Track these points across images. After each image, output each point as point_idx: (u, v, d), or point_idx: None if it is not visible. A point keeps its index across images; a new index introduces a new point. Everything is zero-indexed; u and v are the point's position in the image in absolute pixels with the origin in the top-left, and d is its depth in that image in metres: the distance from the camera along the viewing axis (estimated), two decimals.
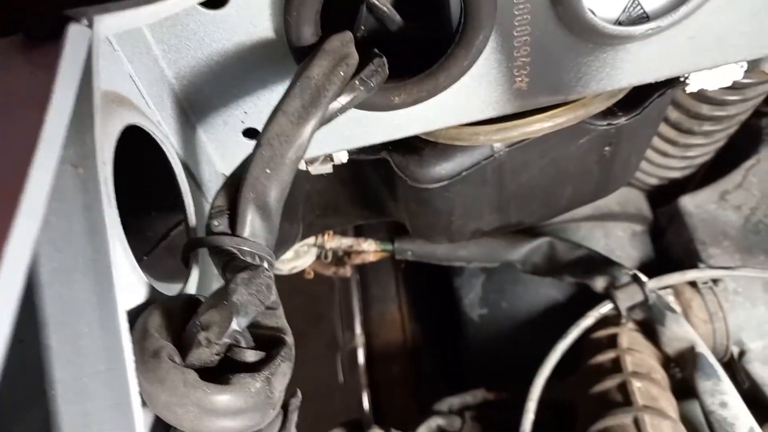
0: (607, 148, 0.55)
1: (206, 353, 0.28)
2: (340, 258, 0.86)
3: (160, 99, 0.38)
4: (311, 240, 0.79)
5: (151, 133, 0.34)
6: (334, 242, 0.78)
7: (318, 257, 0.82)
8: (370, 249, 0.78)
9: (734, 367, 0.78)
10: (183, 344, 0.28)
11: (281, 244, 0.62)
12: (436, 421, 0.80)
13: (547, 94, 0.46)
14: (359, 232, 0.94)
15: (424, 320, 1.15)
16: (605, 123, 0.52)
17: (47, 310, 0.22)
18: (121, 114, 0.31)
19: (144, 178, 0.48)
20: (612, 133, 0.53)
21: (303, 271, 0.84)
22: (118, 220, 0.26)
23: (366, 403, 1.11)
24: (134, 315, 0.28)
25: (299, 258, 0.79)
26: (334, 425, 0.99)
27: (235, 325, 0.28)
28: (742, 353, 0.78)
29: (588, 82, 0.46)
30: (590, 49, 0.43)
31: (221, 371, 0.29)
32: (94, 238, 0.22)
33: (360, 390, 1.16)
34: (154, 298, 0.30)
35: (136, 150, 0.45)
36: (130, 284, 0.28)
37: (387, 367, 1.15)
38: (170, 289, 0.38)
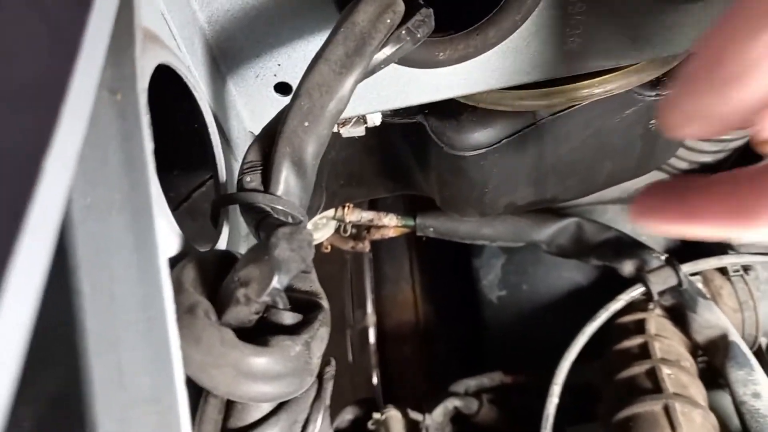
0: (653, 122, 0.52)
1: (244, 312, 0.26)
2: (358, 233, 0.84)
3: (191, 43, 0.35)
4: (330, 213, 0.76)
5: (184, 77, 0.32)
6: (354, 215, 0.75)
7: (336, 231, 0.80)
8: (391, 224, 0.75)
9: (762, 358, 0.76)
10: (219, 301, 0.26)
11: None
12: (453, 403, 0.78)
13: (600, 58, 0.43)
14: (375, 208, 0.91)
15: (438, 301, 1.13)
16: (654, 94, 0.49)
17: (79, 252, 0.19)
18: (154, 51, 0.28)
19: (171, 130, 0.46)
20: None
21: (320, 245, 0.82)
22: (152, 158, 0.23)
23: (377, 383, 1.10)
24: (170, 265, 0.26)
25: (318, 231, 0.77)
26: (343, 404, 0.98)
27: (276, 283, 0.26)
28: None
29: (643, 46, 0.43)
30: (650, 6, 0.40)
31: (258, 333, 0.27)
32: (133, 171, 0.20)
33: (370, 370, 1.14)
34: (188, 251, 0.28)
35: (164, 98, 0.43)
36: (164, 232, 0.25)
37: (398, 347, 1.14)
38: None
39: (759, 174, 0.26)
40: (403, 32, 0.35)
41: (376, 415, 0.79)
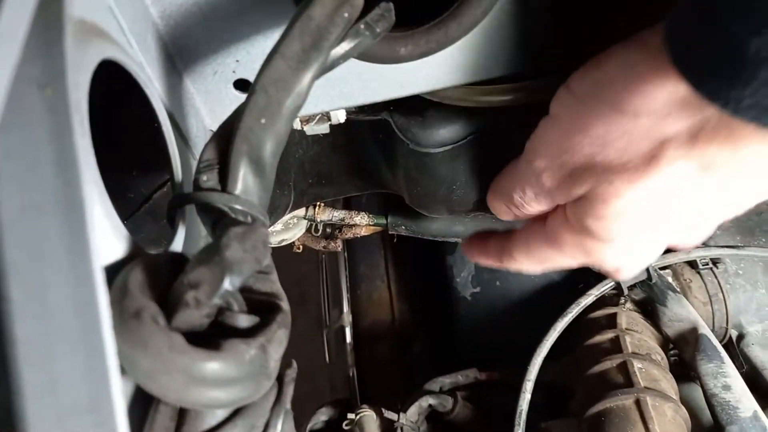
0: None
1: (194, 315, 0.25)
2: (330, 232, 0.83)
3: (144, 39, 0.34)
4: (301, 212, 0.75)
5: (134, 74, 0.30)
6: (326, 215, 0.74)
7: (308, 230, 0.79)
8: (362, 222, 0.75)
9: (732, 350, 0.77)
10: (168, 305, 0.25)
11: (271, 212, 0.59)
12: (427, 401, 0.78)
13: (566, 53, 0.43)
14: (348, 206, 0.91)
15: (414, 299, 1.13)
16: None
17: (8, 256, 0.18)
18: (99, 45, 0.27)
19: (126, 130, 0.45)
20: None
21: (291, 245, 0.81)
22: (93, 158, 0.22)
23: (353, 383, 1.09)
24: (113, 271, 0.25)
25: (288, 230, 0.76)
26: (321, 405, 0.97)
27: (227, 284, 0.25)
28: (741, 337, 0.77)
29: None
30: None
31: (211, 337, 0.26)
32: (65, 171, 0.19)
33: (347, 369, 1.14)
34: (136, 254, 0.27)
35: (117, 98, 0.41)
36: (107, 235, 0.24)
37: (375, 346, 1.13)
38: None
39: (507, 236, 0.48)
40: (362, 27, 0.35)
41: (351, 416, 0.78)
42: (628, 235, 0.38)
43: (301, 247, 0.82)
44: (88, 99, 0.24)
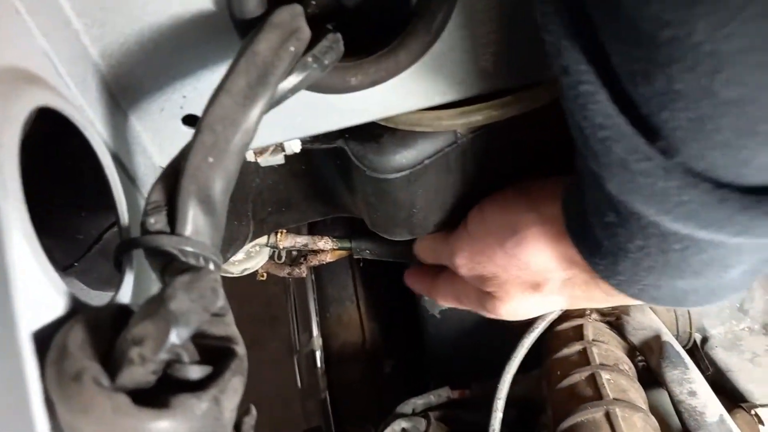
0: None
1: (140, 372, 0.24)
2: (294, 258, 0.82)
3: (83, 80, 0.33)
4: (263, 240, 0.74)
5: (70, 118, 0.29)
6: (288, 241, 0.73)
7: (271, 258, 0.78)
8: (326, 247, 0.74)
9: (697, 354, 0.78)
10: (112, 363, 0.24)
11: (230, 243, 0.58)
12: (400, 425, 0.77)
13: (515, 75, 0.43)
14: (313, 232, 0.90)
15: (383, 319, 1.12)
16: None
17: None
18: (31, 93, 0.26)
19: (70, 171, 0.43)
20: None
21: (255, 273, 0.79)
22: (24, 214, 0.21)
23: (326, 408, 1.07)
24: (51, 331, 0.24)
25: (251, 259, 0.74)
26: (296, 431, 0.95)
27: (174, 338, 0.24)
28: (704, 340, 0.78)
29: None
30: None
31: (160, 393, 0.25)
32: None
33: (319, 394, 1.12)
34: (77, 310, 0.26)
35: (61, 141, 0.40)
36: (44, 293, 0.23)
37: (347, 368, 1.12)
38: (106, 299, 0.33)
39: (434, 280, 0.62)
40: (310, 59, 0.34)
41: None
42: (515, 315, 0.54)
43: (265, 275, 0.81)
44: (18, 153, 0.22)
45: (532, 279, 0.48)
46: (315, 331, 1.16)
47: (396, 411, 0.80)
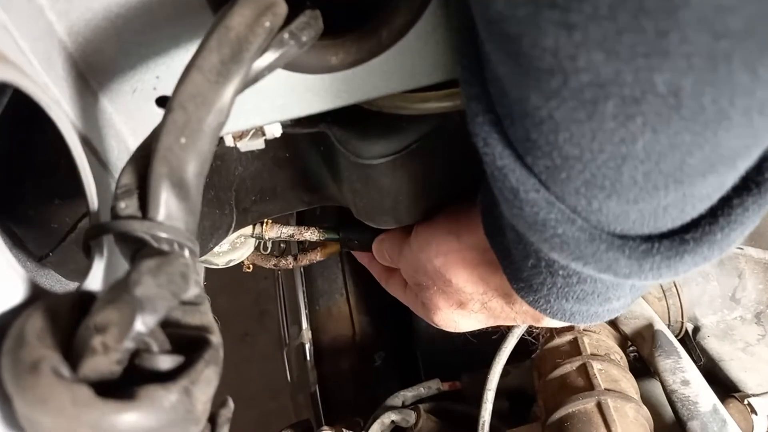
0: None
1: (103, 362, 0.22)
2: (282, 252, 0.80)
3: (48, 57, 0.31)
4: (248, 230, 0.72)
5: (33, 96, 0.28)
6: (274, 232, 0.71)
7: (257, 248, 0.76)
8: (312, 238, 0.72)
9: (689, 343, 0.77)
10: (74, 352, 0.23)
11: (212, 233, 0.56)
12: (389, 417, 0.76)
13: None
14: (301, 222, 0.88)
15: (373, 311, 1.11)
16: None
17: None
18: None
19: (42, 157, 0.41)
20: None
21: (241, 265, 0.77)
22: None
23: (316, 401, 1.06)
24: (9, 319, 0.22)
25: (236, 250, 0.72)
26: (284, 425, 0.94)
27: (139, 325, 0.23)
28: (696, 329, 0.77)
29: None
30: None
31: (126, 385, 0.23)
32: None
33: (309, 387, 1.11)
34: (38, 297, 0.24)
35: (31, 128, 0.38)
36: (1, 278, 0.22)
37: (337, 361, 1.11)
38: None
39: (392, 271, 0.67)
40: (286, 36, 0.33)
41: None
42: (447, 326, 0.58)
43: (251, 266, 0.79)
44: None
45: (457, 297, 0.53)
46: (304, 324, 1.15)
47: (386, 403, 0.79)
